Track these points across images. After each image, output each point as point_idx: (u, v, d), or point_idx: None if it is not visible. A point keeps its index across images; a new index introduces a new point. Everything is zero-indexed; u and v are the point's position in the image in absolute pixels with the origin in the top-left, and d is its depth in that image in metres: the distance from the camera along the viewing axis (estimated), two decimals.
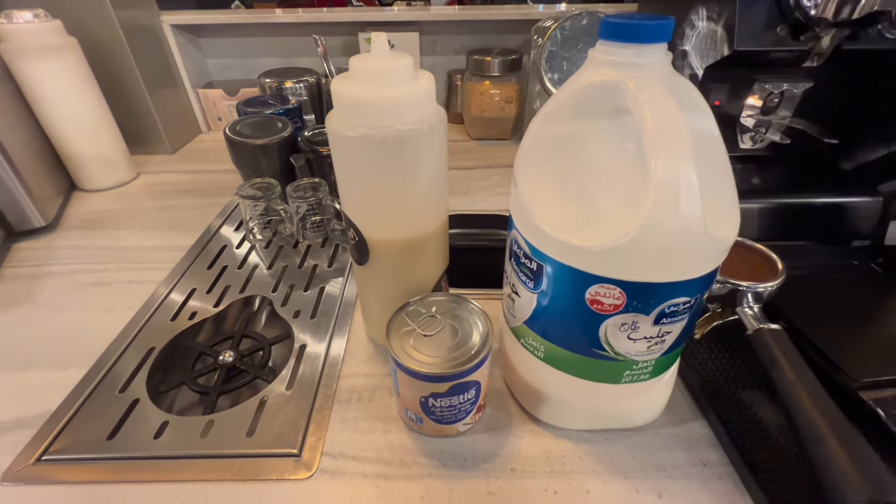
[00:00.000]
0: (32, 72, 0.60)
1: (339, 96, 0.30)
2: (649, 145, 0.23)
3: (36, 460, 0.34)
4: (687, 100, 0.25)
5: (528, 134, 0.29)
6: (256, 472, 0.33)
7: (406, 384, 0.31)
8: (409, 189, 0.31)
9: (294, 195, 0.55)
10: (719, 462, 0.33)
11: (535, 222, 0.27)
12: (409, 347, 0.31)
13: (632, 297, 0.25)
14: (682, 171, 0.22)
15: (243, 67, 0.94)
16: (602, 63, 0.26)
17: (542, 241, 0.27)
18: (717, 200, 0.25)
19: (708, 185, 0.23)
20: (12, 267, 0.54)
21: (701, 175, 0.22)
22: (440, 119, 0.31)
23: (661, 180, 0.22)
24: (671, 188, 0.22)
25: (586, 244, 0.25)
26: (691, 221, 0.23)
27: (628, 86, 0.23)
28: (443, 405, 0.31)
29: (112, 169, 0.71)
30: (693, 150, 0.22)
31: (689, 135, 0.22)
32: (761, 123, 0.55)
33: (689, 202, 0.23)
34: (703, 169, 0.23)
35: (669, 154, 0.22)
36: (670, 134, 0.22)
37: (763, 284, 0.37)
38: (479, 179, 0.72)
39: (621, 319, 0.26)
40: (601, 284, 0.25)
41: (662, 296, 0.25)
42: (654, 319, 0.26)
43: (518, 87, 0.81)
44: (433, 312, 0.34)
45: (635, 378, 0.30)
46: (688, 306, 0.26)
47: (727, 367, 0.38)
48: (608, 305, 0.26)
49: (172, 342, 0.44)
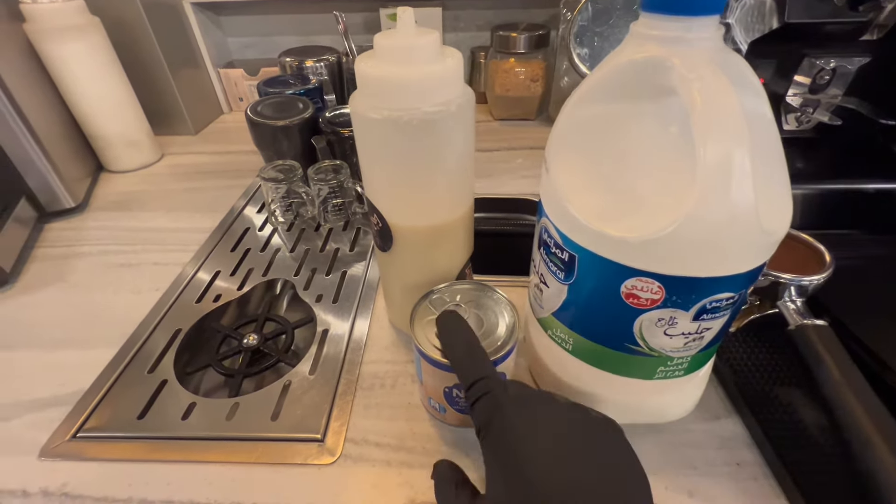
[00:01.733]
0: (58, 52, 0.61)
1: (364, 76, 0.28)
2: (698, 128, 0.21)
3: (71, 437, 0.35)
4: (739, 78, 0.23)
5: (562, 115, 0.27)
6: (281, 455, 0.33)
7: (430, 374, 0.31)
8: (436, 174, 0.30)
9: (315, 178, 0.54)
10: (754, 462, 0.31)
11: (569, 210, 0.25)
12: (434, 337, 0.30)
13: (671, 291, 0.24)
14: (734, 157, 0.20)
15: (263, 46, 0.92)
16: (645, 38, 0.24)
17: (575, 230, 0.26)
18: (769, 188, 0.23)
19: (760, 172, 0.21)
20: (45, 247, 0.56)
21: (754, 161, 0.20)
22: (468, 99, 0.29)
23: (711, 166, 0.21)
24: (721, 175, 0.21)
25: (624, 235, 0.23)
26: (742, 212, 0.21)
27: (674, 63, 0.22)
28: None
29: (137, 150, 0.71)
30: (747, 133, 0.20)
31: (742, 117, 0.20)
32: (809, 103, 0.52)
33: (740, 190, 0.21)
34: (756, 154, 0.21)
35: (720, 138, 0.20)
36: (722, 116, 0.20)
37: (808, 277, 0.35)
38: (502, 161, 0.70)
39: (658, 315, 0.25)
40: (638, 278, 0.24)
41: (705, 291, 0.24)
42: (693, 315, 0.25)
43: (545, 65, 0.77)
44: (458, 301, 0.33)
45: (669, 374, 0.29)
46: (731, 302, 0.25)
47: (764, 363, 0.37)
48: (645, 300, 0.25)
49: (198, 324, 0.44)
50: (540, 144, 0.75)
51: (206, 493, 0.31)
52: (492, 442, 0.23)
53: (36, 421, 0.36)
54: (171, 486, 0.31)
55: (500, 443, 0.23)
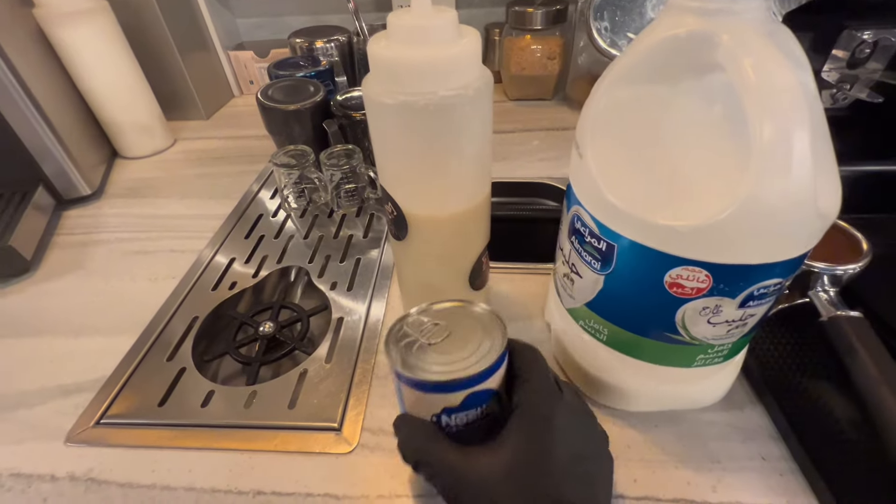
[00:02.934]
0: (68, 37, 0.60)
1: (376, 58, 0.27)
2: (752, 106, 0.19)
3: (95, 423, 0.36)
4: (787, 52, 0.21)
5: (595, 97, 0.26)
6: (298, 444, 0.33)
7: (413, 400, 0.26)
8: (453, 161, 0.29)
9: (328, 163, 0.53)
10: (780, 457, 0.30)
11: (607, 198, 0.24)
12: (412, 358, 0.25)
13: (719, 279, 0.23)
14: (793, 136, 0.19)
15: (273, 26, 0.90)
16: (683, 10, 0.22)
17: (614, 218, 0.25)
18: (821, 169, 0.21)
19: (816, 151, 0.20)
20: (64, 234, 0.56)
21: (813, 139, 0.19)
22: (486, 82, 0.28)
23: (768, 147, 0.19)
24: (780, 155, 0.19)
25: (671, 223, 0.22)
26: (801, 194, 0.20)
27: (722, 39, 0.20)
28: (458, 423, 0.26)
29: (150, 136, 0.71)
30: (807, 110, 0.19)
31: (801, 93, 0.19)
32: (846, 78, 0.49)
33: (800, 171, 0.19)
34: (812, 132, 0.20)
35: (778, 116, 0.19)
36: (778, 93, 0.19)
37: (842, 266, 0.34)
38: (518, 144, 0.68)
39: (703, 304, 0.24)
40: (684, 267, 0.23)
41: (754, 278, 0.23)
42: (739, 303, 0.24)
43: (562, 42, 0.74)
44: (436, 320, 0.28)
45: (708, 362, 0.28)
46: (777, 288, 0.24)
47: (792, 354, 0.35)
48: (690, 289, 0.23)
49: (214, 312, 0.45)
50: (557, 125, 0.72)
51: (227, 481, 0.31)
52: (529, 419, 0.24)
53: (61, 407, 0.37)
54: (193, 472, 0.32)
55: (537, 425, 0.24)
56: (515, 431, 0.24)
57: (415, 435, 0.25)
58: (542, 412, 0.24)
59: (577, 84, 0.78)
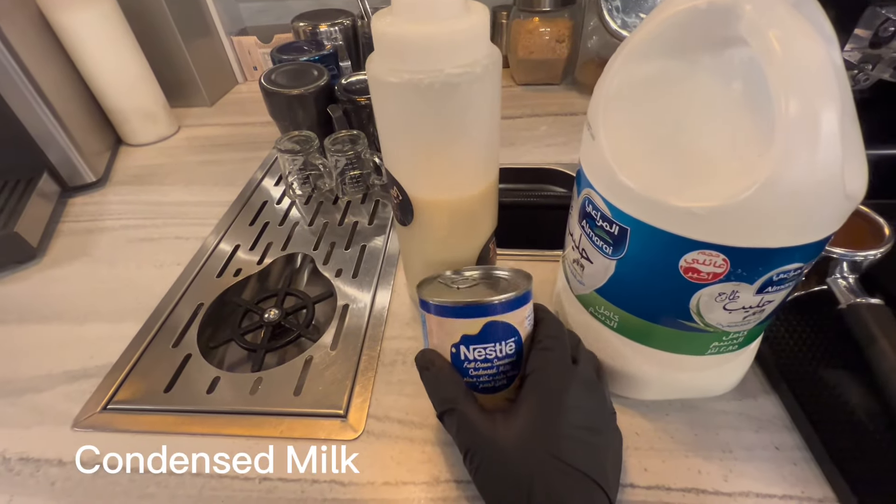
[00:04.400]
0: (70, 22, 0.59)
1: (380, 35, 0.26)
2: (777, 82, 0.18)
3: (102, 408, 0.36)
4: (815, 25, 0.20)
5: (608, 75, 0.25)
6: (304, 430, 0.33)
7: (435, 330, 0.28)
8: (460, 143, 0.28)
9: (332, 149, 0.53)
10: (794, 446, 0.30)
11: (621, 179, 0.23)
12: (439, 295, 0.28)
13: (737, 264, 0.22)
14: (821, 112, 0.18)
15: (276, 11, 0.89)
16: None
17: (628, 201, 0.24)
18: (848, 147, 0.20)
19: (844, 129, 0.19)
20: (69, 222, 0.56)
21: (842, 116, 0.18)
22: (494, 60, 0.27)
23: (794, 124, 0.18)
24: (807, 133, 0.18)
25: (689, 205, 0.21)
26: (828, 174, 0.19)
27: (745, 10, 0.19)
28: (477, 357, 0.27)
29: (154, 123, 0.71)
30: (836, 85, 0.18)
31: (830, 67, 0.18)
32: (868, 58, 0.47)
33: (828, 150, 0.18)
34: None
35: (805, 91, 0.18)
36: (806, 67, 0.18)
37: (862, 252, 0.33)
38: (525, 129, 0.66)
39: (720, 289, 0.23)
40: (701, 251, 0.22)
41: (774, 263, 0.22)
42: (757, 288, 0.23)
43: (571, 24, 0.72)
44: (466, 274, 0.31)
45: (722, 350, 0.27)
46: (797, 273, 0.23)
47: (807, 342, 0.34)
48: (707, 274, 0.23)
49: (219, 298, 0.44)
50: (565, 111, 0.71)
51: (234, 467, 0.31)
52: (542, 383, 0.26)
53: (68, 392, 0.37)
54: (199, 458, 0.32)
55: (551, 390, 0.25)
56: (527, 402, 0.25)
57: (446, 385, 0.27)
58: (554, 385, 0.25)
59: (587, 68, 0.76)
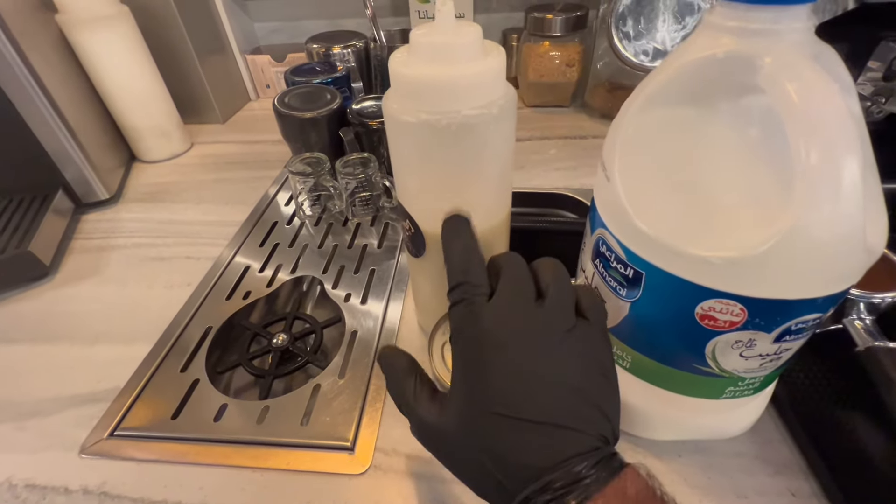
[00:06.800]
0: (89, 42, 0.61)
1: (398, 76, 0.26)
2: (797, 131, 0.18)
3: (109, 435, 0.35)
4: (834, 76, 0.20)
5: (624, 118, 0.25)
6: (311, 463, 0.33)
7: None
8: (474, 180, 0.28)
9: (343, 171, 0.53)
10: (811, 493, 0.29)
11: (636, 224, 0.23)
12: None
13: (754, 314, 0.22)
14: (842, 164, 0.18)
15: (290, 31, 0.91)
16: (720, 30, 0.21)
17: (643, 246, 0.23)
18: (869, 199, 0.20)
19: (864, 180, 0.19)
20: (82, 238, 0.57)
21: (863, 168, 0.18)
22: (509, 100, 0.27)
23: (815, 175, 0.18)
24: (828, 185, 0.18)
25: (706, 254, 0.21)
26: (849, 227, 0.19)
27: (765, 62, 0.19)
28: None
29: (168, 140, 0.72)
30: (856, 137, 0.17)
31: (848, 118, 0.18)
32: (881, 91, 0.47)
33: (849, 202, 0.18)
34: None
35: (825, 142, 0.18)
36: (825, 118, 0.18)
37: (881, 294, 0.32)
38: (534, 152, 0.67)
39: (736, 337, 0.23)
40: (718, 300, 0.22)
41: (792, 313, 0.21)
42: (775, 337, 0.22)
43: (581, 48, 0.73)
44: None
45: (738, 394, 0.27)
46: (816, 322, 0.22)
47: (824, 384, 0.34)
48: (723, 322, 0.22)
49: (228, 322, 0.44)
50: (575, 133, 0.71)
51: (238, 500, 0.31)
52: (459, 350, 0.23)
53: (76, 417, 0.37)
54: (204, 490, 0.32)
55: (467, 352, 0.22)
56: (454, 381, 0.22)
57: (394, 384, 0.25)
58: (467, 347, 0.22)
59: (596, 91, 0.76)
